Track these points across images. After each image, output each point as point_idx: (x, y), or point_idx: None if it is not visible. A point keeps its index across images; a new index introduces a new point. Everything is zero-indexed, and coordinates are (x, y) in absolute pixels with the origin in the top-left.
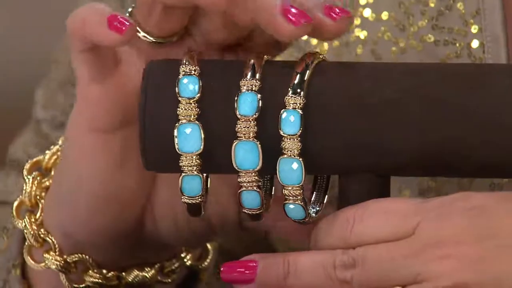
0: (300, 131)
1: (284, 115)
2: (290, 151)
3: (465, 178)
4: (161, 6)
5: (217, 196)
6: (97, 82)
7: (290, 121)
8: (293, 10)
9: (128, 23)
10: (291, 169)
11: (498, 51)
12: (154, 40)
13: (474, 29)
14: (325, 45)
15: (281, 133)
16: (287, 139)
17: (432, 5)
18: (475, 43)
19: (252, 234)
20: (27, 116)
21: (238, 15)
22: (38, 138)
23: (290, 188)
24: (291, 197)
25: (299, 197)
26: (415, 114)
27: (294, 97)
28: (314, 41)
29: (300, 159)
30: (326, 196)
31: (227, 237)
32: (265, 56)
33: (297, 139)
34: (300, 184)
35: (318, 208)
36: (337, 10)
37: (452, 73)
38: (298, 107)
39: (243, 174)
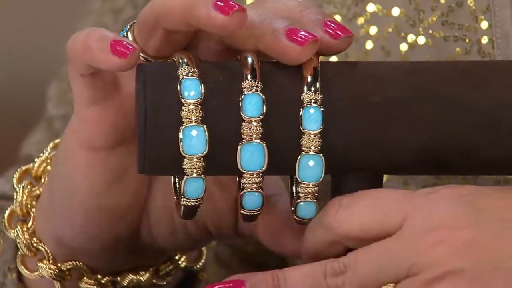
0: (322, 127)
1: (305, 111)
2: (310, 147)
3: (469, 175)
4: (163, 30)
5: (214, 202)
6: (97, 104)
7: (312, 118)
8: (296, 31)
9: (131, 47)
10: (312, 166)
11: (507, 47)
12: (150, 60)
13: (484, 25)
14: None
15: (302, 129)
16: (307, 135)
17: (442, 1)
18: (484, 39)
19: (247, 238)
20: (35, 115)
21: (240, 41)
22: (50, 135)
23: (306, 185)
24: (305, 195)
25: (314, 195)
26: (418, 112)
27: (313, 94)
28: None
29: (321, 155)
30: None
31: (223, 241)
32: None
33: (317, 135)
34: (319, 181)
35: None
36: (336, 28)
37: (455, 71)
38: (318, 103)
39: (247, 175)
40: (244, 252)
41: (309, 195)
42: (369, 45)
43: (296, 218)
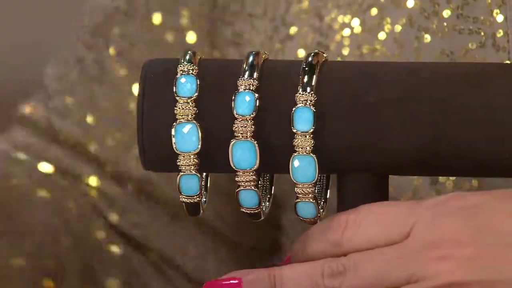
0: (313, 128)
1: (296, 112)
2: (302, 148)
3: (465, 177)
4: None
5: None
6: None
7: (303, 118)
8: None
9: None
10: (304, 166)
11: None
12: None
13: (499, 18)
14: (346, 31)
15: (294, 130)
16: (299, 136)
17: None
18: (500, 33)
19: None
20: None
21: None
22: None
23: (302, 185)
24: (303, 195)
25: (311, 195)
26: (414, 113)
27: (306, 94)
28: (336, 26)
29: (314, 156)
30: (328, 193)
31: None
32: (263, 55)
33: (309, 136)
34: (313, 182)
35: (321, 206)
36: None
37: (452, 73)
38: (311, 104)
39: (240, 173)
40: (242, 248)
41: (306, 196)
42: (381, 36)
43: (300, 218)
